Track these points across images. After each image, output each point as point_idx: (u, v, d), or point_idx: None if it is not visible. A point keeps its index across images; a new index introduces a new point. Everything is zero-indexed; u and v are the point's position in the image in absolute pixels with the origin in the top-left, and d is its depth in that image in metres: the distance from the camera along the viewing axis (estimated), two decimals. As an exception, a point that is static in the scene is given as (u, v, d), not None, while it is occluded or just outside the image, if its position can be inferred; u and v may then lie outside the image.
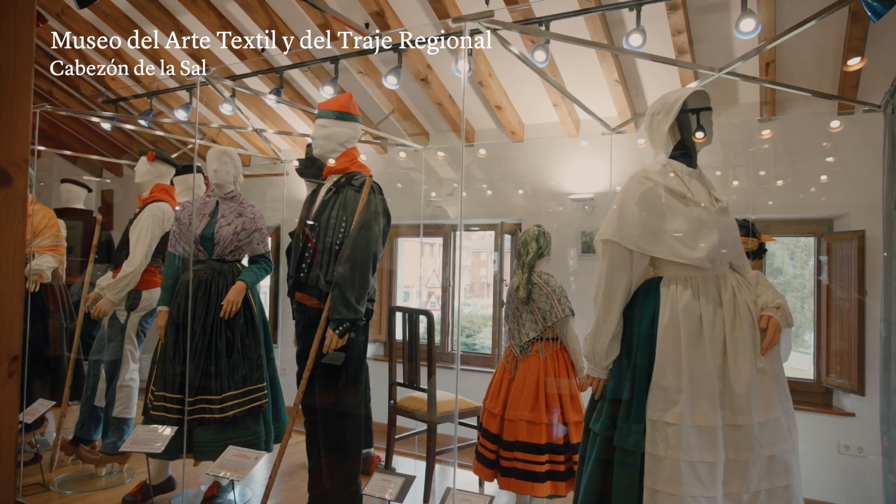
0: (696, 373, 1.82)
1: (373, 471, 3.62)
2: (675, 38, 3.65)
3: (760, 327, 1.88)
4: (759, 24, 3.08)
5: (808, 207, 4.02)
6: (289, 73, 4.84)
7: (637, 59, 4.07)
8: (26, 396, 3.67)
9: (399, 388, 3.53)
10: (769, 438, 1.81)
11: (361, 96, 5.07)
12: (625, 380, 1.92)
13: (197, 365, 2.95)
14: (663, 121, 2.03)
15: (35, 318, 3.90)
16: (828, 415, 3.96)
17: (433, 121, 5.17)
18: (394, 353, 3.52)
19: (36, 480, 3.37)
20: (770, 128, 4.12)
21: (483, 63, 4.35)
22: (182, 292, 3.04)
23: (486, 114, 4.91)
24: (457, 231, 5.48)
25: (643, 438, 1.83)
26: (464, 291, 6.62)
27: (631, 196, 1.96)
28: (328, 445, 2.64)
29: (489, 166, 5.17)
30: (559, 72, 4.26)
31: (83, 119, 4.86)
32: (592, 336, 1.98)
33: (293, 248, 2.77)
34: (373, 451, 3.70)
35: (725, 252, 1.93)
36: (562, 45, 4.08)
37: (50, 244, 4.03)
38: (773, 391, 1.86)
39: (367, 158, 5.79)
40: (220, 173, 3.15)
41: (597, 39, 3.82)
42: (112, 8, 4.64)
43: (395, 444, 3.69)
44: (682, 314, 1.86)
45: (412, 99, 4.97)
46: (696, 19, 3.65)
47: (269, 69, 4.69)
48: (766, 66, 3.69)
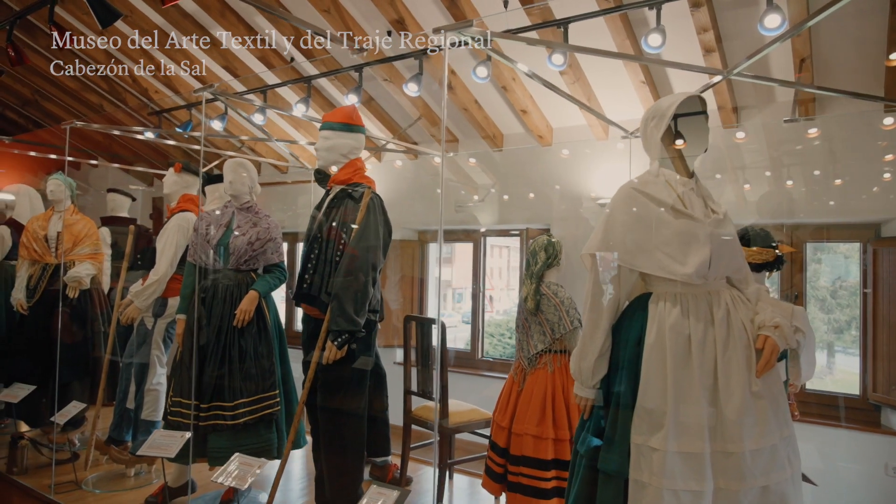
0: (682, 396, 1.72)
1: (390, 479, 3.65)
2: (701, 35, 3.49)
3: (756, 348, 1.76)
4: (785, 19, 2.90)
5: (853, 211, 3.77)
6: (318, 81, 4.91)
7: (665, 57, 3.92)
8: (66, 398, 3.86)
9: (415, 397, 3.52)
10: (763, 468, 1.70)
11: (389, 103, 5.09)
12: (611, 400, 1.84)
13: (211, 372, 3.02)
14: (656, 128, 1.93)
15: (75, 323, 4.09)
16: (875, 434, 3.70)
17: (462, 126, 5.13)
18: (409, 362, 3.51)
19: (70, 479, 3.53)
20: (811, 127, 3.88)
21: (505, 67, 4.29)
22: (198, 301, 3.12)
23: (514, 118, 4.84)
24: (486, 237, 5.43)
25: (627, 463, 1.75)
26: (496, 298, 6.56)
27: (618, 208, 1.88)
28: (329, 454, 2.65)
29: (517, 171, 5.10)
30: (583, 73, 4.15)
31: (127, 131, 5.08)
32: (578, 354, 1.91)
33: (301, 257, 2.80)
34: (390, 460, 3.69)
35: (720, 267, 1.82)
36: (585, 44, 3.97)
37: (90, 252, 4.22)
38: (770, 417, 1.73)
39: (401, 164, 5.82)
40: (236, 184, 3.22)
41: (618, 40, 3.70)
42: (149, 24, 4.83)
43: (416, 453, 3.68)
44: (670, 333, 1.76)
45: (440, 105, 4.95)
46: (724, 16, 3.48)
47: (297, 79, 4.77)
48: (801, 62, 3.48)
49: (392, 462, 3.71)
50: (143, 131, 5.02)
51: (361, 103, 5.03)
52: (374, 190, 2.68)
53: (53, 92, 6.16)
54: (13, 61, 3.61)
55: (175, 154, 6.34)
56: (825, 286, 4.37)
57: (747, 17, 3.45)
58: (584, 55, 3.99)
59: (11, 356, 4.21)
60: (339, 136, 2.72)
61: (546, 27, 3.62)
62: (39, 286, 4.08)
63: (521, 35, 3.28)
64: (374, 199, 2.63)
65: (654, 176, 1.93)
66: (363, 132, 2.81)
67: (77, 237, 4.18)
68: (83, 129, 4.98)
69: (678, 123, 1.92)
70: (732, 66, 2.38)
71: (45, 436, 4.04)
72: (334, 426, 2.64)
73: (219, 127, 5.25)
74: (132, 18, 4.77)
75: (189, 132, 5.39)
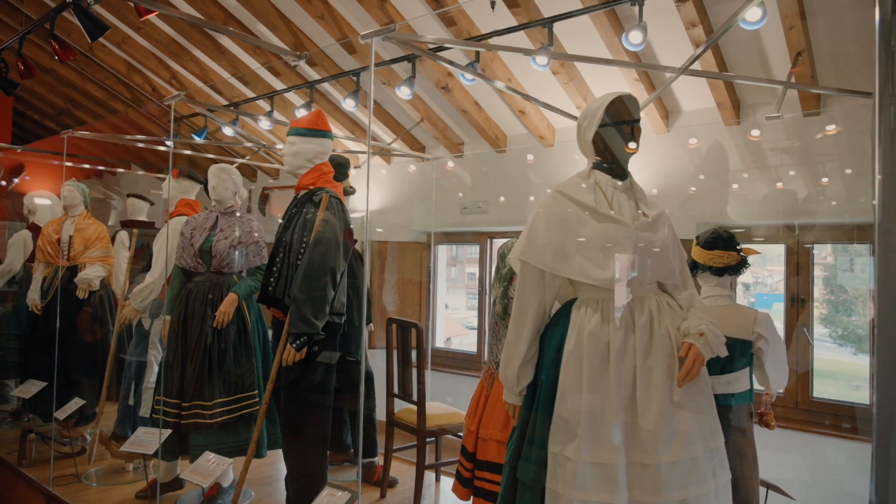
0: (597, 405, 1.67)
1: (375, 480, 3.67)
2: (690, 31, 3.38)
3: (679, 356, 1.70)
4: (765, 13, 2.78)
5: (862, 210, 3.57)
6: (323, 87, 4.99)
7: (658, 54, 3.81)
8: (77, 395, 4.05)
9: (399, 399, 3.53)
10: (680, 481, 1.63)
11: (391, 106, 5.13)
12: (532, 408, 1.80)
13: (192, 372, 3.11)
14: (587, 129, 1.89)
15: (85, 323, 4.29)
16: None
17: (466, 128, 5.11)
18: (391, 364, 3.52)
19: (73, 472, 3.70)
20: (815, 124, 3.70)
21: (501, 69, 4.26)
22: (181, 302, 3.22)
23: (515, 119, 4.79)
24: (493, 239, 5.39)
25: (544, 472, 1.71)
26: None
27: (542, 212, 1.84)
28: (291, 454, 2.70)
29: (520, 172, 5.05)
30: (577, 71, 4.08)
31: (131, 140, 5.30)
32: (504, 360, 1.88)
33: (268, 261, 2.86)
34: (376, 461, 3.73)
35: (645, 272, 1.76)
36: (574, 42, 3.91)
37: (100, 255, 4.42)
38: (692, 428, 1.67)
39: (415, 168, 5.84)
40: (219, 189, 3.31)
41: (606, 38, 3.62)
42: (163, 35, 5.01)
43: (406, 454, 3.70)
44: (588, 340, 1.71)
45: (441, 107, 4.95)
46: (714, 10, 3.36)
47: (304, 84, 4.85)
48: (796, 56, 3.32)
49: (378, 463, 3.74)
50: (138, 139, 5.20)
51: (365, 107, 5.09)
52: (336, 194, 2.71)
53: (84, 101, 6.47)
54: (23, 74, 3.81)
55: (181, 161, 6.56)
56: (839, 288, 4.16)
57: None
58: (576, 54, 3.91)
59: (28, 354, 4.45)
60: (305, 141, 2.76)
61: (532, 27, 3.57)
62: (52, 287, 4.29)
63: (448, 41, 3.27)
64: (333, 203, 2.66)
65: (585, 178, 1.89)
66: (329, 137, 2.84)
67: (88, 241, 4.38)
68: (116, 139, 5.22)
69: (609, 124, 1.87)
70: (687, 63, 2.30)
71: (58, 430, 4.25)
72: (295, 427, 2.68)
73: (231, 133, 5.40)
74: (146, 30, 4.97)
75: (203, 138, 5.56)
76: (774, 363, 2.32)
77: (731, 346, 2.29)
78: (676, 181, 4.18)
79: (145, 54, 5.33)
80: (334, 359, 2.82)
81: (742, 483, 2.29)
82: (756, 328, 2.28)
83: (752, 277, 4.54)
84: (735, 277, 2.41)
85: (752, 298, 4.56)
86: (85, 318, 4.30)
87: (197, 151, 5.78)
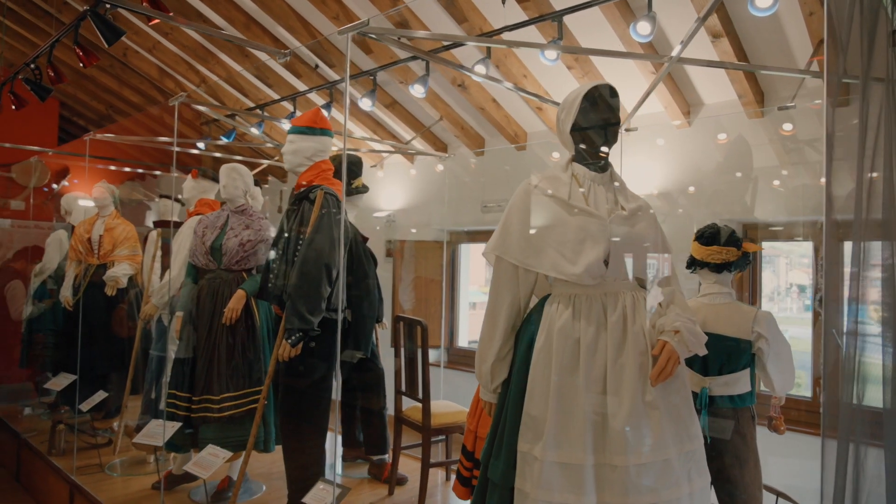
0: (565, 403, 1.62)
1: (385, 477, 3.68)
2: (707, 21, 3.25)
3: (652, 354, 1.63)
4: None
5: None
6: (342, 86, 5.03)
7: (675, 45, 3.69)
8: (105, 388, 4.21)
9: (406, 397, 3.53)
10: (651, 484, 1.56)
11: (411, 104, 5.13)
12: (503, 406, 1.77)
13: (201, 367, 3.19)
14: (565, 121, 1.84)
15: (112, 319, 4.45)
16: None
17: (485, 126, 5.08)
18: (399, 362, 3.52)
19: (97, 462, 3.84)
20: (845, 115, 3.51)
21: (515, 65, 4.21)
22: (193, 299, 3.31)
23: (535, 115, 4.73)
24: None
25: (512, 472, 1.67)
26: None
27: (515, 206, 1.80)
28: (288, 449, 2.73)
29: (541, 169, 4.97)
30: (593, 66, 3.99)
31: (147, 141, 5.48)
32: (478, 357, 1.85)
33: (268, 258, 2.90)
34: (387, 458, 3.73)
35: (619, 266, 1.69)
36: (587, 36, 3.83)
37: (128, 254, 4.58)
38: (665, 429, 1.60)
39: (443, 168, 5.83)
40: (229, 188, 3.37)
41: (618, 30, 3.53)
42: (190, 40, 5.15)
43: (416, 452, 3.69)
44: (558, 336, 1.66)
45: (459, 104, 4.93)
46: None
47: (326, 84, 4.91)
48: (818, 44, 3.16)
49: (389, 461, 3.74)
50: (150, 140, 5.36)
51: (385, 106, 5.12)
52: (332, 191, 2.73)
53: (122, 106, 6.72)
54: (52, 80, 3.98)
55: (208, 163, 6.74)
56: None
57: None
58: (590, 47, 3.83)
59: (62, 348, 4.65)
60: (303, 140, 2.79)
61: (542, 20, 3.52)
62: (82, 284, 4.46)
63: (408, 32, 3.27)
64: (328, 200, 2.67)
65: (562, 171, 1.84)
66: (328, 135, 2.86)
67: (117, 240, 4.54)
68: (153, 143, 5.41)
69: (586, 115, 1.81)
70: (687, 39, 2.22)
71: (88, 422, 4.42)
72: (293, 422, 2.71)
73: (257, 133, 5.50)
74: (174, 35, 5.12)
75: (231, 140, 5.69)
76: (777, 364, 2.21)
77: (730, 346, 2.20)
78: (700, 177, 4.04)
79: (175, 59, 5.49)
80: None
81: (742, 489, 2.19)
82: (756, 327, 2.18)
83: (808, 279, 4.32)
84: (736, 274, 2.31)
85: (807, 300, 4.36)
86: (113, 314, 4.46)
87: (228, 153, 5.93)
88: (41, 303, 5.13)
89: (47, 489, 3.87)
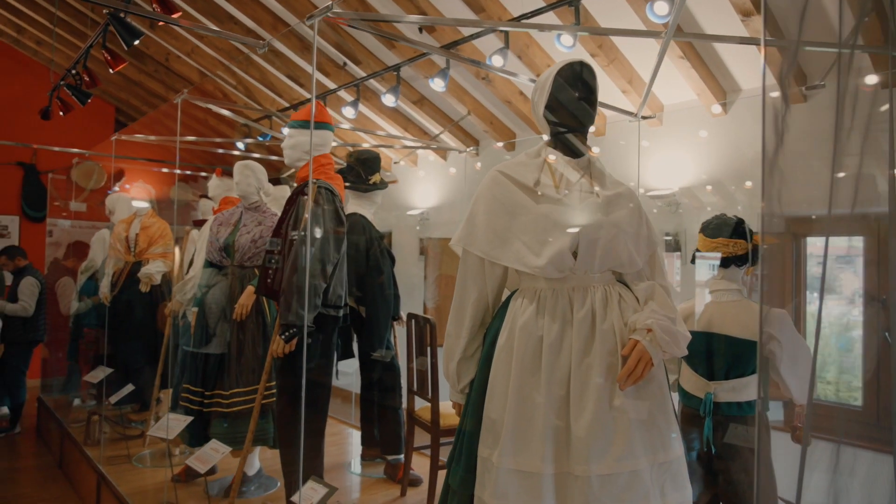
0: (524, 406, 1.50)
1: (399, 477, 3.61)
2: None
3: (622, 354, 1.49)
4: (802, -34, 2.42)
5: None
6: (371, 83, 5.02)
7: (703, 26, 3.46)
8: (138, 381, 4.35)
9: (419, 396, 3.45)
10: (615, 497, 1.42)
11: (437, 99, 5.06)
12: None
13: (214, 362, 3.22)
14: (538, 103, 1.71)
15: (147, 315, 4.59)
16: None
17: (515, 120, 4.94)
18: (411, 360, 3.45)
19: (126, 453, 3.96)
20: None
21: (539, 55, 4.06)
22: (207, 295, 3.34)
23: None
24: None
25: (471, 477, 1.56)
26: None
27: (482, 195, 1.69)
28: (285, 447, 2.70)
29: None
30: (619, 52, 3.80)
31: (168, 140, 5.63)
32: (445, 355, 1.74)
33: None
34: (401, 458, 3.67)
35: (592, 258, 1.55)
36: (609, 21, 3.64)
37: (161, 252, 4.71)
38: (634, 437, 1.45)
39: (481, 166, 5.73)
40: (242, 185, 3.39)
41: (641, 14, 3.33)
42: (225, 44, 5.26)
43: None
44: (520, 334, 1.54)
45: (486, 98, 4.82)
46: (759, -29, 2.99)
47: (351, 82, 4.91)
48: (859, 19, 2.87)
49: (404, 461, 3.68)
50: (189, 139, 5.49)
51: (413, 103, 5.06)
52: (329, 185, 2.68)
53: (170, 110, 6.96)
54: (87, 85, 4.14)
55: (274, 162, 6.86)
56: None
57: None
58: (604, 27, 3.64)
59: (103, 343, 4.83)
60: (302, 134, 2.76)
61: (559, 6, 3.37)
62: (119, 281, 4.62)
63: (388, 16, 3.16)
64: (323, 194, 2.63)
65: (534, 156, 1.71)
66: (329, 129, 2.82)
67: (152, 238, 4.68)
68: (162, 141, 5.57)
69: (560, 94, 1.67)
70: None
71: (125, 414, 4.58)
72: (288, 419, 2.68)
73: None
74: (209, 39, 5.24)
75: (268, 141, 5.78)
76: (793, 369, 2.00)
77: (736, 347, 2.02)
78: (738, 168, 3.78)
79: (213, 62, 5.63)
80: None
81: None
82: (767, 328, 1.98)
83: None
84: (747, 269, 2.11)
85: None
86: (148, 310, 4.60)
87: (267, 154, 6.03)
88: (88, 299, 5.36)
89: (80, 477, 4.02)
